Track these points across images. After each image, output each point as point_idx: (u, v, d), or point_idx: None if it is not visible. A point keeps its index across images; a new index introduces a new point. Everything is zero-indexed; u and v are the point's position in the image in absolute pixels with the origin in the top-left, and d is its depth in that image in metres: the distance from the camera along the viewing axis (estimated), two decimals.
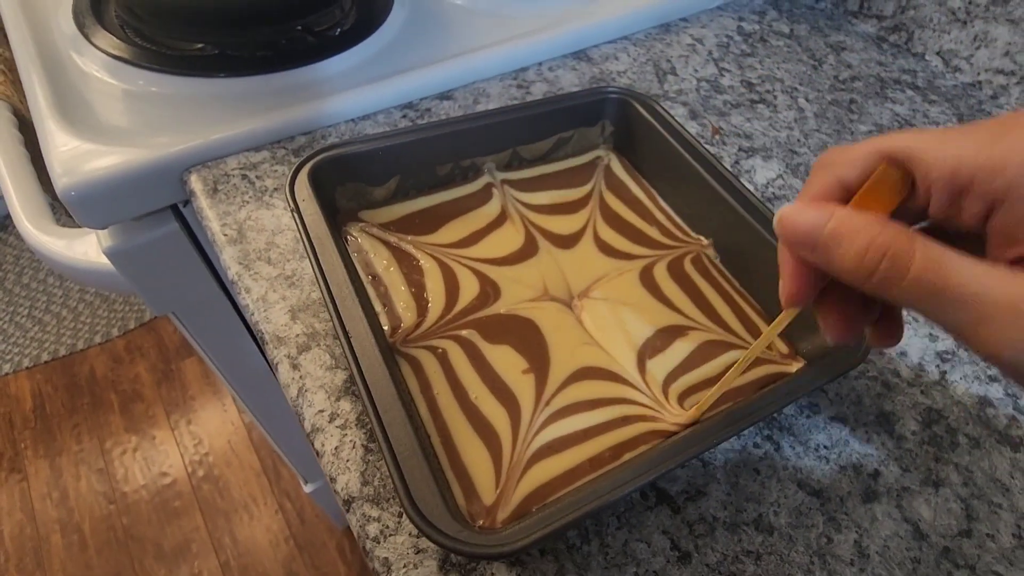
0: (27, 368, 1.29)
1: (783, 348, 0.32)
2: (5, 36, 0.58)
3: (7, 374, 1.28)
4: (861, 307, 0.20)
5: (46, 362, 1.30)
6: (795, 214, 0.18)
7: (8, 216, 1.51)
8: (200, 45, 0.45)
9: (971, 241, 0.17)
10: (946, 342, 0.35)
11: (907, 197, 0.18)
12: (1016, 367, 0.15)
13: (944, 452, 0.31)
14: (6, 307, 1.37)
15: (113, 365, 1.32)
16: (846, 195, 0.19)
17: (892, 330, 0.21)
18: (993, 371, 0.34)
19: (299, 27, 0.46)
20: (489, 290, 0.32)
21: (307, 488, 0.92)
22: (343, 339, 0.25)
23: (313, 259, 0.27)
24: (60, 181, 0.35)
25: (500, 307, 0.31)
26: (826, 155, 0.19)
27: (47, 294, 1.40)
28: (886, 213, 0.18)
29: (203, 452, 1.22)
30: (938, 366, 0.34)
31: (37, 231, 0.43)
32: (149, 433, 1.23)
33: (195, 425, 1.25)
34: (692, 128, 0.46)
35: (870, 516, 0.28)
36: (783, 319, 0.22)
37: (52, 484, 1.16)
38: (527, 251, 0.34)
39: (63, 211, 0.47)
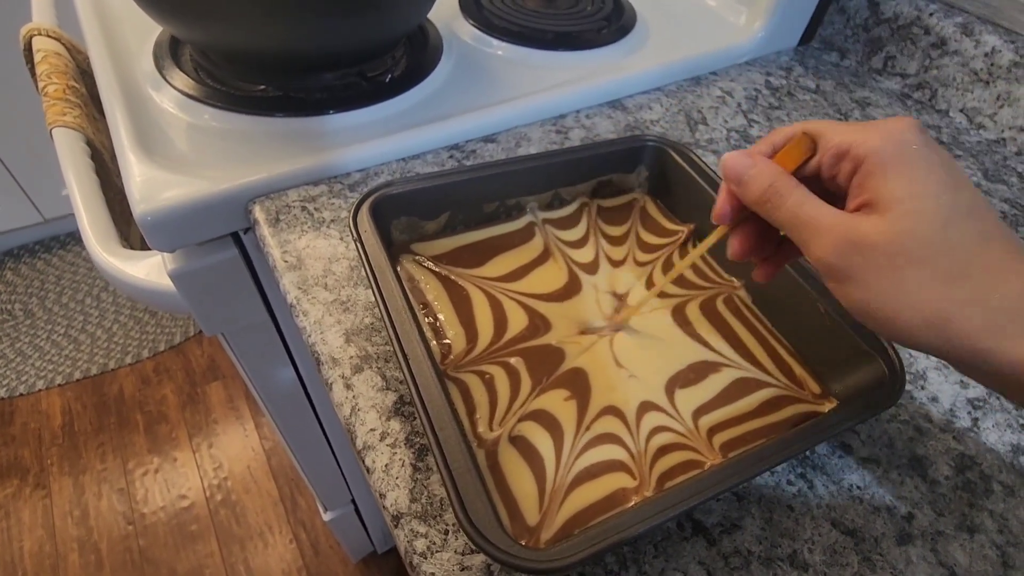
0: (59, 385, 1.33)
1: (815, 388, 0.33)
2: (82, 72, 0.63)
3: (40, 390, 1.32)
4: (758, 245, 0.29)
5: (78, 380, 1.34)
6: (732, 158, 0.26)
7: (52, 238, 1.59)
8: (263, 87, 0.48)
9: (839, 201, 0.25)
10: (977, 389, 0.36)
11: (809, 158, 0.26)
12: (829, 267, 0.23)
13: (978, 499, 0.31)
14: (44, 325, 1.42)
15: (141, 386, 1.35)
16: (772, 155, 0.27)
17: (770, 271, 0.30)
18: None
19: (354, 73, 0.50)
20: (539, 323, 0.34)
21: (326, 516, 0.92)
22: (402, 361, 0.27)
23: (375, 286, 0.29)
24: (138, 208, 0.38)
25: (544, 339, 0.33)
26: (774, 129, 0.28)
27: (84, 314, 1.45)
28: (794, 166, 0.26)
29: (222, 476, 1.23)
30: (970, 412, 0.35)
31: (104, 252, 0.46)
32: (171, 455, 1.25)
33: (216, 449, 1.27)
34: None
35: (905, 558, 0.29)
36: (715, 234, 0.30)
37: (74, 502, 1.17)
38: (570, 287, 0.36)
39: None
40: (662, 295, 0.37)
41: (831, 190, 0.25)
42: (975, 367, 0.22)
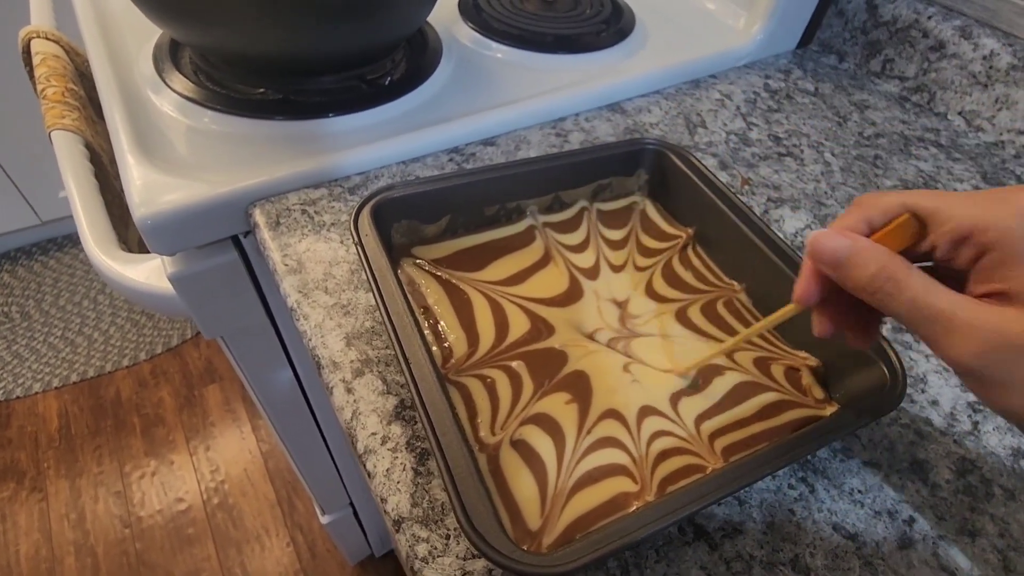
0: (56, 388, 1.32)
1: (818, 394, 0.33)
2: (81, 75, 0.63)
3: (36, 393, 1.31)
4: (848, 318, 0.26)
5: (75, 383, 1.34)
6: (825, 238, 0.23)
7: (49, 240, 1.58)
8: (263, 90, 0.48)
9: (953, 282, 0.22)
10: None
11: (916, 244, 0.22)
12: (970, 370, 0.20)
13: (979, 502, 0.31)
14: (41, 327, 1.41)
15: (138, 388, 1.35)
16: (869, 233, 0.23)
17: (866, 338, 0.26)
18: None
19: (354, 76, 0.50)
20: (541, 327, 0.34)
21: (324, 519, 0.92)
22: (404, 364, 0.27)
23: (376, 290, 0.29)
24: (138, 211, 0.38)
25: (547, 343, 0.33)
26: (863, 197, 0.24)
27: (80, 316, 1.44)
28: (898, 250, 0.22)
29: (219, 479, 1.22)
30: (970, 416, 0.35)
31: (104, 255, 0.46)
32: (168, 458, 1.25)
33: (213, 452, 1.26)
34: (723, 178, 0.49)
35: (906, 562, 0.29)
36: (789, 311, 0.27)
37: (71, 505, 1.17)
38: (571, 290, 0.36)
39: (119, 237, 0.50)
40: (663, 300, 0.37)
41: (941, 273, 0.22)
42: None
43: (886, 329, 0.39)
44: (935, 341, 0.21)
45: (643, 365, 0.33)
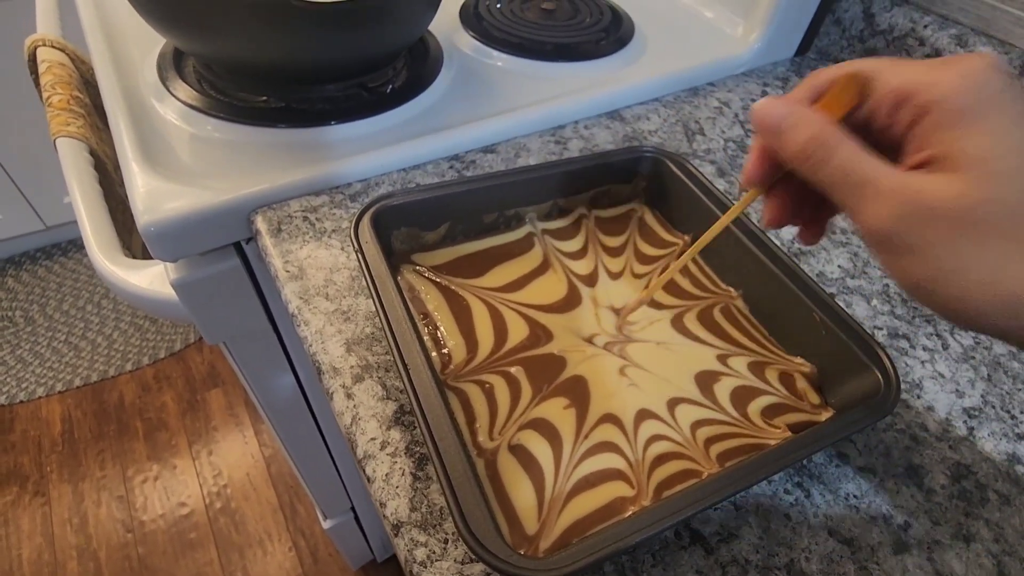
0: (59, 392, 1.33)
1: (814, 399, 0.33)
2: (86, 82, 0.64)
3: (40, 397, 1.32)
4: (797, 208, 0.26)
5: (78, 387, 1.34)
6: (767, 106, 0.23)
7: (53, 245, 1.59)
8: (265, 98, 0.49)
9: (891, 156, 0.21)
10: (973, 399, 0.36)
11: (859, 105, 0.22)
12: (883, 235, 0.20)
13: (974, 507, 0.31)
14: (45, 332, 1.42)
15: (141, 393, 1.35)
16: (817, 99, 0.23)
17: (814, 233, 0.27)
18: (1021, 429, 0.35)
19: (356, 84, 0.51)
20: (540, 333, 0.34)
21: (326, 524, 0.92)
22: (402, 370, 0.27)
23: (375, 297, 0.30)
24: (142, 218, 0.38)
25: (545, 348, 0.33)
26: (814, 71, 0.24)
27: (84, 321, 1.45)
28: (841, 114, 0.22)
29: (222, 484, 1.23)
30: (965, 422, 0.35)
31: (108, 261, 0.47)
32: (171, 462, 1.25)
33: (216, 456, 1.26)
34: (720, 185, 0.49)
35: (901, 567, 0.29)
36: (746, 199, 0.27)
37: (73, 510, 1.17)
38: (570, 297, 0.37)
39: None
40: (660, 306, 0.38)
41: (882, 143, 0.21)
42: None
43: (881, 335, 0.39)
44: (856, 208, 0.21)
45: (640, 369, 0.34)
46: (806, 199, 0.25)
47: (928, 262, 0.19)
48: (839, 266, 0.44)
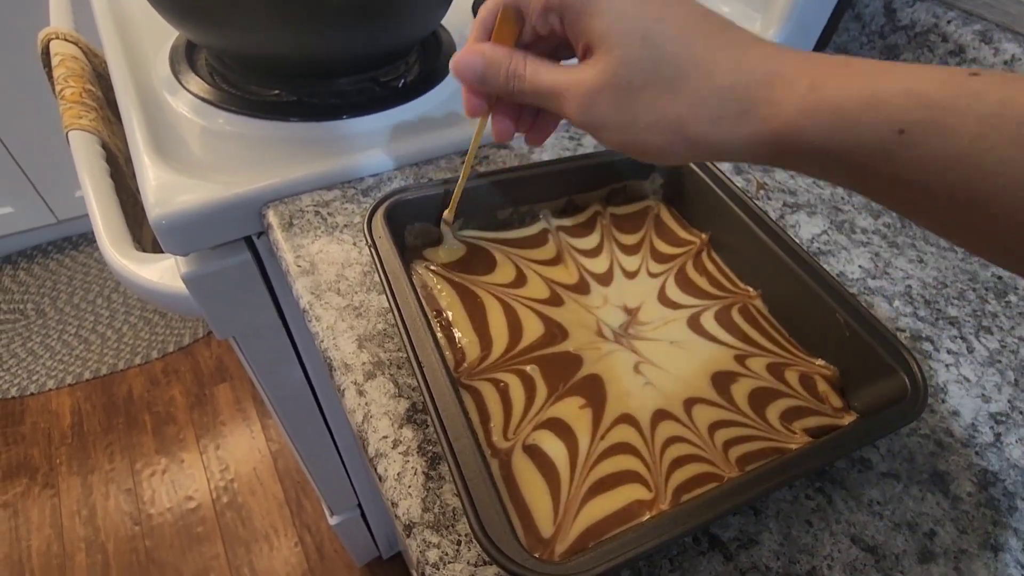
0: (69, 385, 1.34)
1: (836, 402, 0.33)
2: (98, 76, 0.64)
3: (50, 390, 1.33)
4: (518, 119, 0.29)
5: (87, 380, 1.35)
6: (462, 61, 0.26)
7: (64, 239, 1.60)
8: (277, 92, 0.49)
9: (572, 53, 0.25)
10: (999, 404, 0.35)
11: (522, 28, 0.26)
12: (583, 125, 0.24)
13: (1002, 516, 0.30)
14: (56, 325, 1.43)
15: (150, 387, 1.36)
16: (489, 36, 0.26)
17: (541, 136, 0.31)
18: None
19: (368, 78, 0.50)
20: (555, 331, 0.33)
21: (332, 520, 0.92)
22: (416, 368, 0.26)
23: (389, 293, 0.29)
24: (153, 212, 0.38)
25: (561, 346, 0.33)
26: (481, 6, 0.27)
27: (95, 314, 1.46)
28: (513, 41, 0.26)
29: (229, 478, 1.23)
30: (992, 427, 0.34)
31: (118, 255, 0.46)
32: (178, 456, 1.25)
33: (223, 451, 1.27)
34: (737, 183, 0.48)
35: None
36: (480, 125, 0.31)
37: (82, 502, 1.18)
38: (583, 294, 0.36)
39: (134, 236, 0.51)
40: (676, 306, 0.37)
41: (564, 46, 0.25)
42: (722, 157, 0.22)
43: (904, 338, 0.38)
44: (559, 111, 0.24)
45: (655, 367, 0.33)
46: (523, 109, 0.29)
47: (613, 130, 0.23)
48: (860, 266, 0.43)
